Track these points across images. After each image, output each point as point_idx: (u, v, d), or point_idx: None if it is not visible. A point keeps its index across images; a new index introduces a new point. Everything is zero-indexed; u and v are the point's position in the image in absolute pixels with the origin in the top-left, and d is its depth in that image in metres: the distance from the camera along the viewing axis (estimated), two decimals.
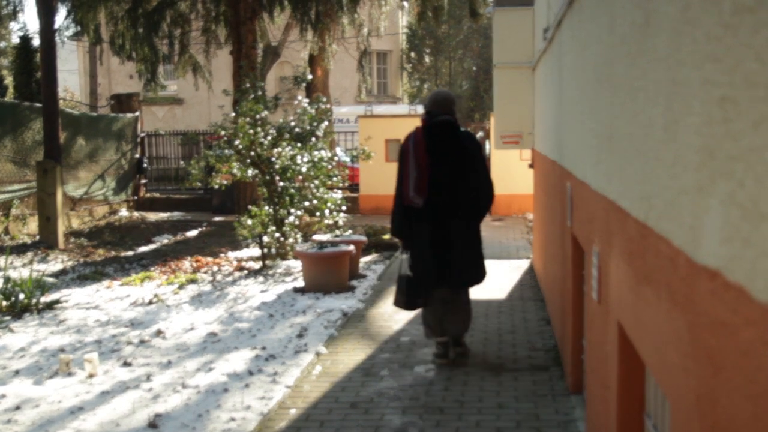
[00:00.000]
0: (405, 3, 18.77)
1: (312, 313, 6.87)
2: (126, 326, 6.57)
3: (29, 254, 10.53)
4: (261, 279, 8.58)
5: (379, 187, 14.38)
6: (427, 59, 33.51)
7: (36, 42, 17.21)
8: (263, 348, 5.76)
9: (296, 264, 9.10)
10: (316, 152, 9.68)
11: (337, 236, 8.71)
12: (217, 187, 10.35)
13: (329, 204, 9.61)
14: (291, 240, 9.61)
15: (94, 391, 4.87)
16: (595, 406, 3.39)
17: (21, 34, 18.73)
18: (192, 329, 6.41)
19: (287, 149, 9.56)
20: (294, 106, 10.30)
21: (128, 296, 7.82)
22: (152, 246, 11.71)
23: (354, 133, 17.94)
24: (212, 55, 17.32)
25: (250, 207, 9.78)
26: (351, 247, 8.05)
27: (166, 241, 12.14)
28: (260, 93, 9.77)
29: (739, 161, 1.30)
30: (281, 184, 9.53)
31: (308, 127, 9.68)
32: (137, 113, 17.07)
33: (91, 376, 5.15)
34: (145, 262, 9.95)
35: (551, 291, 6.21)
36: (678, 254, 1.73)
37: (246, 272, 8.98)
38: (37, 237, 11.68)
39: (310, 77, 11.37)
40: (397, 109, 23.73)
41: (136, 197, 16.86)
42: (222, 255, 10.36)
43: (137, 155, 16.98)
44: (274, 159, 9.49)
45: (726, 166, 1.37)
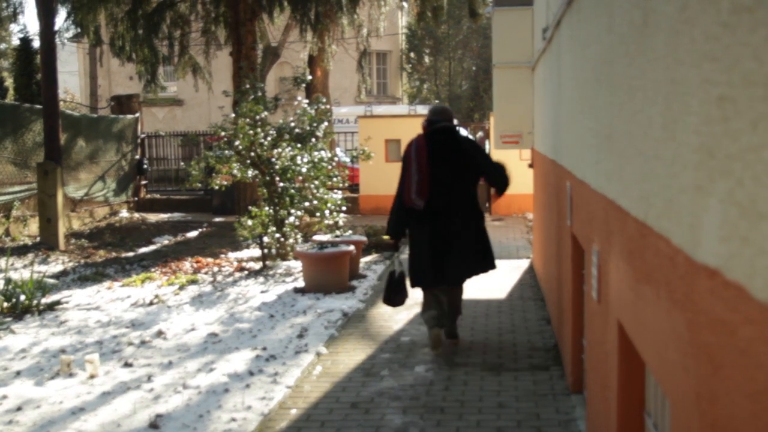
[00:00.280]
0: (404, 3, 18.77)
1: (312, 314, 6.87)
2: (127, 327, 6.57)
3: (30, 255, 10.54)
4: (261, 279, 8.58)
5: (379, 188, 14.38)
6: (427, 59, 33.49)
7: (36, 44, 17.21)
8: (264, 348, 5.76)
9: (296, 264, 9.10)
10: (316, 153, 9.68)
11: (338, 236, 8.71)
12: (218, 188, 10.35)
13: (329, 204, 9.61)
14: (291, 240, 9.61)
15: (95, 392, 4.88)
16: (596, 405, 3.39)
17: (21, 36, 18.70)
18: (193, 330, 6.42)
19: (287, 150, 9.57)
20: (294, 107, 10.30)
21: (129, 297, 7.83)
22: (153, 247, 11.72)
23: (354, 134, 17.93)
24: (212, 56, 17.33)
25: (251, 208, 9.78)
26: (351, 248, 8.05)
27: (167, 242, 12.14)
28: (260, 94, 9.77)
29: (738, 160, 1.30)
30: (281, 185, 9.53)
31: (308, 128, 9.68)
32: (137, 114, 17.09)
33: (92, 377, 5.16)
34: (146, 263, 9.96)
35: (551, 290, 6.21)
36: (677, 253, 1.73)
37: (246, 273, 8.99)
38: (38, 238, 11.68)
39: (310, 78, 11.36)
40: (397, 110, 23.75)
41: (137, 198, 16.87)
42: (222, 256, 10.36)
43: (137, 156, 16.99)
44: (274, 160, 9.50)
45: (725, 165, 1.37)
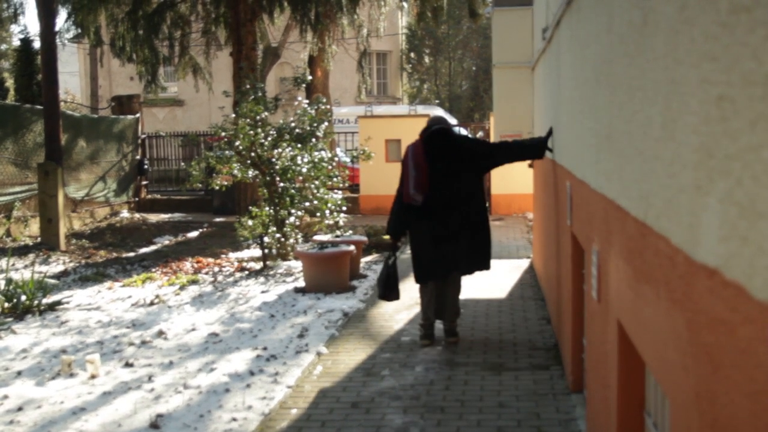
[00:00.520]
0: (404, 3, 18.77)
1: (313, 314, 6.87)
2: (127, 327, 6.58)
3: (31, 256, 10.54)
4: (262, 279, 8.58)
5: (380, 188, 14.38)
6: (427, 59, 33.50)
7: (37, 44, 17.18)
8: (264, 348, 5.77)
9: (297, 264, 9.11)
10: (317, 153, 9.68)
11: (338, 236, 8.71)
12: (218, 188, 10.36)
13: (329, 204, 9.62)
14: (292, 240, 9.62)
15: (96, 392, 4.88)
16: (596, 405, 3.39)
17: (22, 37, 18.65)
18: (193, 330, 6.42)
19: (287, 150, 9.57)
20: (294, 107, 10.30)
21: (130, 297, 7.83)
22: (153, 247, 11.72)
23: (354, 134, 17.93)
24: (212, 57, 17.34)
25: (251, 208, 9.79)
26: (351, 248, 8.06)
27: (167, 242, 12.15)
28: (260, 94, 9.78)
29: (737, 160, 1.30)
30: (282, 185, 9.54)
31: (308, 128, 9.68)
32: (138, 115, 17.10)
33: (93, 377, 5.16)
34: (147, 263, 9.96)
35: (551, 290, 6.22)
36: (677, 252, 1.74)
37: (247, 273, 8.99)
38: (39, 239, 11.69)
39: (310, 78, 11.36)
40: (397, 110, 23.71)
41: (137, 198, 16.87)
42: (223, 256, 10.37)
43: (138, 157, 17.00)
44: (275, 160, 9.50)
45: (724, 165, 1.38)
